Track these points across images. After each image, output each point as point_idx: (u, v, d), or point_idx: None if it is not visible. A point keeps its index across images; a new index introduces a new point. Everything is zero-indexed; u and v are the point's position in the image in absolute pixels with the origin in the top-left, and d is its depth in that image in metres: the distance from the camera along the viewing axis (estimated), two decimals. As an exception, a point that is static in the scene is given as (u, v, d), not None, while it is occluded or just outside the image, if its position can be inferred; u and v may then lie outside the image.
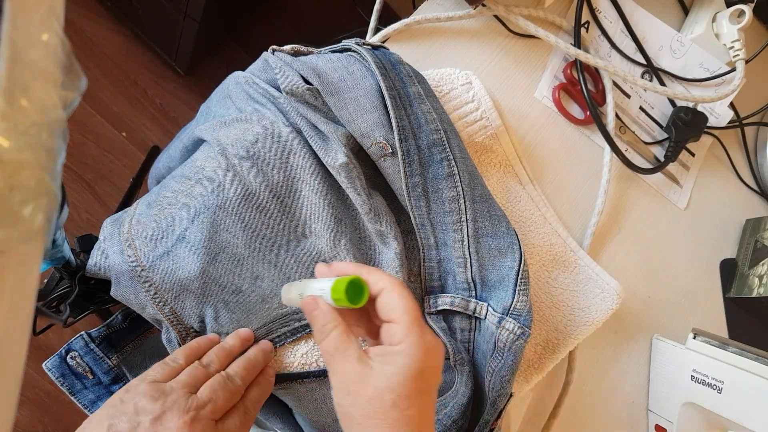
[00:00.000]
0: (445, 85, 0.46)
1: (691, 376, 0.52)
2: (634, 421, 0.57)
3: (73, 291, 0.38)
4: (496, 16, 0.54)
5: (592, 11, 0.57)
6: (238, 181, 0.38)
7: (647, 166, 0.59)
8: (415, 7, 0.53)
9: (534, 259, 0.49)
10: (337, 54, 0.42)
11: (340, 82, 0.40)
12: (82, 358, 0.39)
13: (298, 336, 0.40)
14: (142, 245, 0.37)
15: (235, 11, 1.14)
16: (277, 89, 0.41)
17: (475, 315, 0.42)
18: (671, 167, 0.61)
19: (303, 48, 0.44)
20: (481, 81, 0.47)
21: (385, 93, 0.39)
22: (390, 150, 0.40)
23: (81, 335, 0.39)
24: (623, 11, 0.58)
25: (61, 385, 0.39)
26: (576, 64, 0.55)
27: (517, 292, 0.40)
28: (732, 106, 0.64)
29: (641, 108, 0.60)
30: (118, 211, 0.41)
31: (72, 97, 0.19)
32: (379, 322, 0.31)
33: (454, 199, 0.41)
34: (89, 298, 0.41)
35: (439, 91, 0.46)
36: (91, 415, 0.32)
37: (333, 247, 0.40)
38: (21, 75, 0.16)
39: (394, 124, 0.39)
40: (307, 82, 0.40)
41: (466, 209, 0.41)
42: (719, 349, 0.51)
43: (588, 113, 0.55)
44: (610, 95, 0.56)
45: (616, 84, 0.58)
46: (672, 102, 0.61)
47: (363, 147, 0.40)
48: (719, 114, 0.63)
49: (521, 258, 0.41)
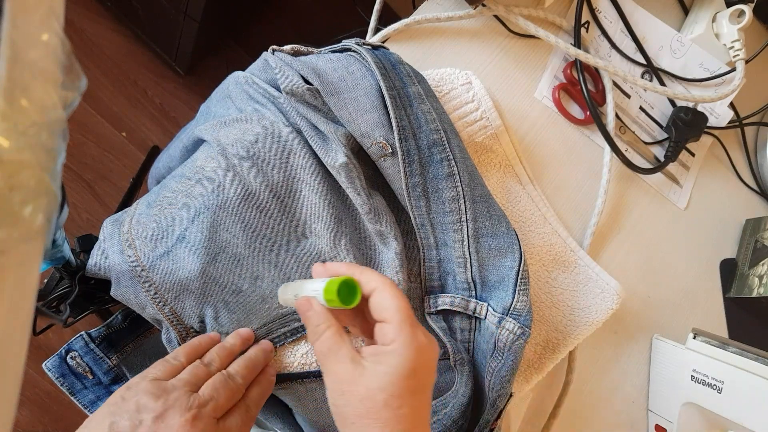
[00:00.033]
0: (445, 85, 0.46)
1: (691, 376, 0.52)
2: (634, 421, 0.57)
3: (73, 291, 0.38)
4: (496, 16, 0.54)
5: (592, 11, 0.57)
6: (238, 181, 0.38)
7: (647, 166, 0.59)
8: (415, 7, 0.53)
9: (534, 259, 0.49)
10: (337, 54, 0.42)
11: (340, 82, 0.40)
12: (82, 358, 0.39)
13: (298, 336, 0.40)
14: (142, 245, 0.37)
15: (235, 11, 1.14)
16: (277, 89, 0.41)
17: (475, 315, 0.42)
18: (671, 167, 0.61)
19: (303, 48, 0.44)
20: (481, 81, 0.47)
21: (385, 93, 0.39)
22: (390, 150, 0.40)
23: (81, 335, 0.39)
24: (623, 11, 0.58)
25: (61, 385, 0.39)
26: (576, 64, 0.55)
27: (517, 292, 0.40)
28: (732, 106, 0.64)
29: (641, 108, 0.60)
30: (118, 211, 0.41)
31: (72, 97, 0.19)
32: (373, 322, 0.31)
33: (454, 199, 0.41)
34: (89, 298, 0.41)
35: (439, 91, 0.46)
36: (92, 414, 0.32)
37: (333, 247, 0.40)
38: (21, 75, 0.16)
39: (394, 124, 0.39)
40: (307, 82, 0.40)
41: (466, 209, 0.41)
42: (719, 349, 0.51)
43: (588, 113, 0.55)
44: (610, 95, 0.56)
45: (616, 84, 0.58)
46: (672, 102, 0.61)
47: (363, 147, 0.40)
48: (719, 114, 0.63)
49: (521, 258, 0.41)
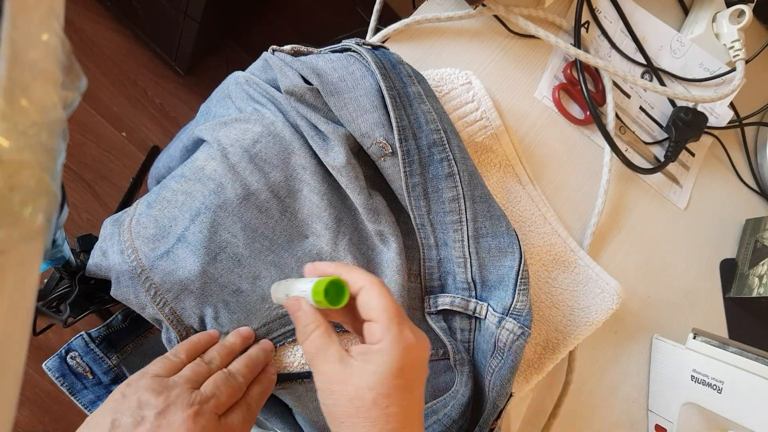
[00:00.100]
0: (445, 85, 0.46)
1: (691, 376, 0.52)
2: (634, 421, 0.57)
3: (73, 291, 0.38)
4: (496, 16, 0.54)
5: (592, 11, 0.57)
6: (238, 181, 0.38)
7: (647, 166, 0.59)
8: (415, 7, 0.53)
9: (534, 259, 0.49)
10: (337, 54, 0.42)
11: (340, 82, 0.40)
12: (82, 358, 0.39)
13: (298, 336, 0.40)
14: (142, 245, 0.37)
15: (235, 11, 1.14)
16: (277, 89, 0.41)
17: (475, 315, 0.42)
18: (671, 167, 0.61)
19: (303, 48, 0.44)
20: (481, 81, 0.47)
21: (385, 93, 0.39)
22: (390, 150, 0.40)
23: (81, 335, 0.39)
24: (623, 11, 0.58)
25: (61, 385, 0.39)
26: (576, 64, 0.55)
27: (517, 292, 0.40)
28: (732, 106, 0.64)
29: (641, 108, 0.60)
30: (118, 211, 0.41)
31: (72, 97, 0.19)
32: (362, 321, 0.31)
33: (454, 199, 0.41)
34: (89, 298, 0.41)
35: (439, 91, 0.46)
36: (93, 412, 0.32)
37: (333, 247, 0.40)
38: (21, 75, 0.16)
39: (394, 124, 0.39)
40: (307, 82, 0.40)
41: (466, 209, 0.41)
42: (719, 349, 0.51)
43: (588, 113, 0.55)
44: (610, 95, 0.56)
45: (616, 84, 0.58)
46: (672, 102, 0.61)
47: (363, 147, 0.40)
48: (719, 114, 0.63)
49: (521, 258, 0.41)
